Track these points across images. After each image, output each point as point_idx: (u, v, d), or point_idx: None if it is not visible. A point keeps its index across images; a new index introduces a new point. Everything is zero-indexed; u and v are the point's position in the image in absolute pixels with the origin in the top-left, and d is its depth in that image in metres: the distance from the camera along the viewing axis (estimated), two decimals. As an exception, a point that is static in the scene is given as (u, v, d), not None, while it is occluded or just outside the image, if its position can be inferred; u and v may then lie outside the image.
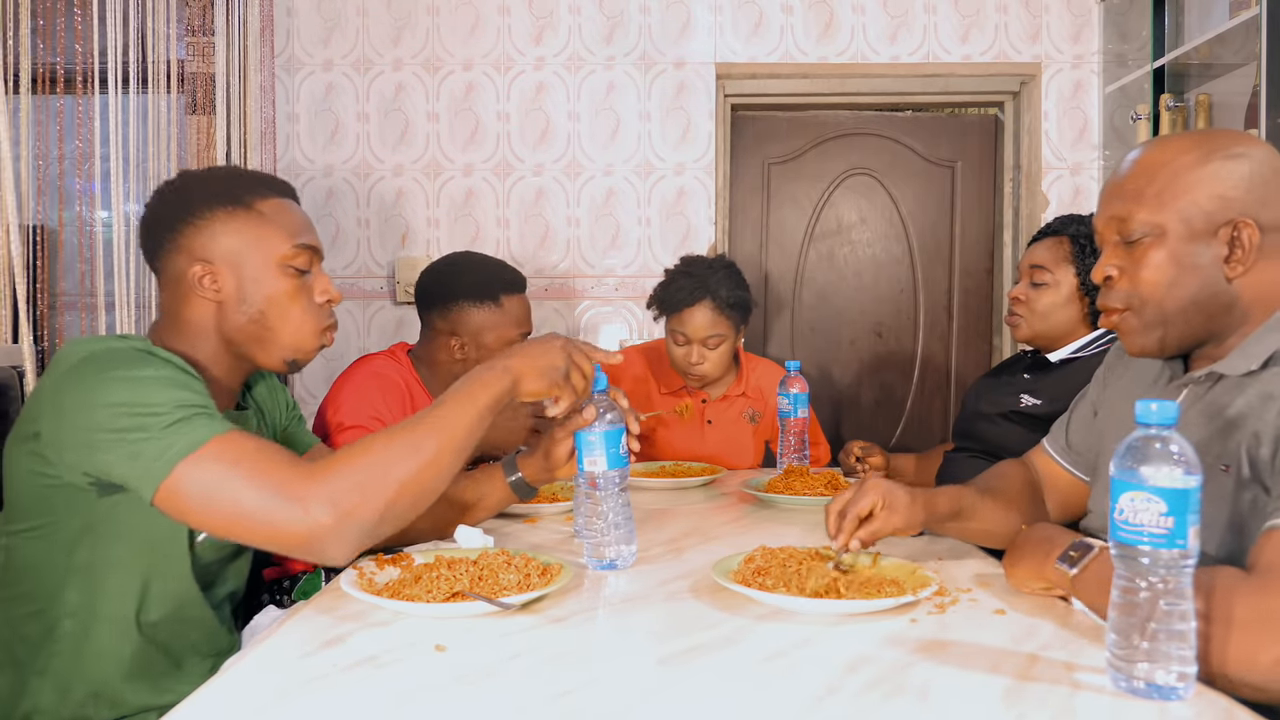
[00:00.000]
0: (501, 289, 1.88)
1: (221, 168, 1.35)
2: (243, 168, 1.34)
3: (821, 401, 3.34)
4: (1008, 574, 1.20)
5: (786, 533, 1.64)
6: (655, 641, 1.04)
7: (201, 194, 1.24)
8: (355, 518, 1.05)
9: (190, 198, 1.24)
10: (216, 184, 1.26)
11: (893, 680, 0.92)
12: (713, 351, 2.31)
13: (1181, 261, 1.11)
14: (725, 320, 2.29)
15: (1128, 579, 0.87)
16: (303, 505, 1.04)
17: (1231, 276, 1.11)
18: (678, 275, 2.34)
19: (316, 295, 1.28)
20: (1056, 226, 1.95)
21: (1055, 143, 3.23)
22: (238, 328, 1.25)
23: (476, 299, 1.86)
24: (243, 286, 1.23)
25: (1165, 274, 1.12)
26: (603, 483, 1.32)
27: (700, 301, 2.27)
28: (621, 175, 3.25)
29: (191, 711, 0.87)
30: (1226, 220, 1.10)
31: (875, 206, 3.42)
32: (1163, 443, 0.86)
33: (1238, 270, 1.10)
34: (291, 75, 3.22)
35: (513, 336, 1.89)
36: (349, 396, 1.74)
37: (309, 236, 1.28)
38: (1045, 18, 3.21)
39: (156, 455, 1.04)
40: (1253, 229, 1.09)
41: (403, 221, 3.24)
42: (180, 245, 1.23)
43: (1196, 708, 0.85)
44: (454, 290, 1.87)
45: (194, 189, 1.25)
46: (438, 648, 1.01)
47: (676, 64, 3.23)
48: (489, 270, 1.91)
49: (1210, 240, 1.11)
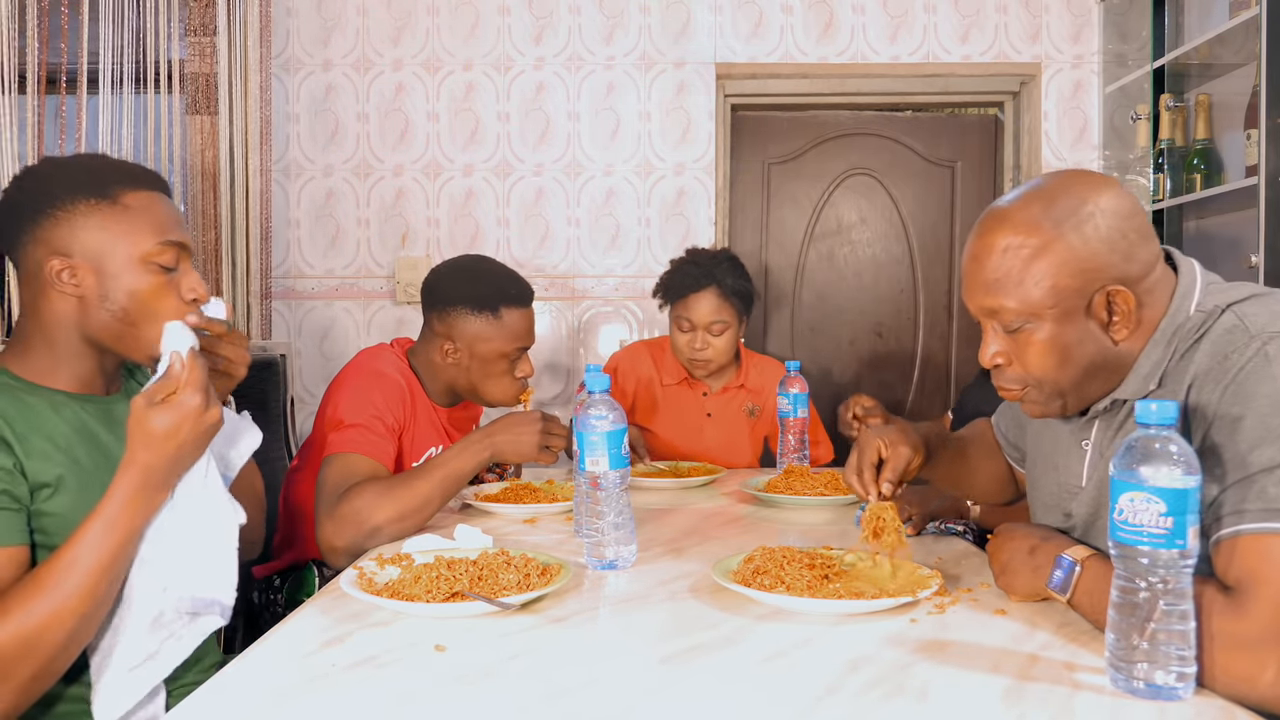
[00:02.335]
0: (503, 301, 1.85)
1: (88, 155, 1.25)
2: (111, 156, 1.26)
3: (821, 401, 3.34)
4: (1000, 584, 1.18)
5: (786, 533, 1.64)
6: (655, 641, 1.04)
7: (64, 184, 1.17)
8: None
9: (52, 187, 1.17)
10: (80, 174, 1.19)
11: (893, 680, 0.92)
12: (716, 339, 2.36)
13: (1065, 341, 1.08)
14: (729, 307, 2.35)
15: (1127, 579, 0.87)
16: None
17: (1118, 339, 1.09)
18: (683, 264, 2.41)
19: (184, 292, 1.22)
20: None
21: (1055, 143, 3.23)
22: (101, 325, 1.18)
23: (476, 307, 1.84)
24: (104, 283, 1.17)
25: (1052, 357, 1.09)
26: (604, 483, 1.32)
27: (706, 288, 2.34)
28: (621, 175, 3.25)
29: (192, 711, 0.87)
30: (1097, 290, 1.06)
31: (875, 206, 3.42)
32: (1162, 443, 0.86)
33: (1123, 333, 1.08)
34: (291, 75, 3.22)
35: (508, 350, 1.86)
36: (349, 394, 1.73)
37: (176, 233, 1.21)
38: (1045, 18, 3.21)
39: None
40: (1124, 293, 1.05)
41: (403, 221, 3.24)
42: (38, 237, 1.16)
43: (1196, 707, 0.85)
44: (455, 295, 1.86)
45: (56, 178, 1.18)
46: (437, 648, 1.01)
47: (676, 64, 3.23)
48: (495, 280, 1.88)
49: (1087, 313, 1.07)
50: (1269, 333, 0.98)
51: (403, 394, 1.80)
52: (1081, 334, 1.08)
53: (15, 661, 1.02)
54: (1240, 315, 1.02)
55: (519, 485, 1.89)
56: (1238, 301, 1.05)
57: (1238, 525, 0.93)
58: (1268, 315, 1.00)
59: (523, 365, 1.91)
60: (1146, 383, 1.08)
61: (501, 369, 1.87)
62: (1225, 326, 1.02)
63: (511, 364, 1.89)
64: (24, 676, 1.03)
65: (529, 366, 1.92)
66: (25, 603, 1.03)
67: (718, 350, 2.37)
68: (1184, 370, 1.05)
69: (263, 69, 3.09)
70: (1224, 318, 1.03)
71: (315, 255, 3.25)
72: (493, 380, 1.88)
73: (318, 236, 3.24)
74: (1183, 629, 0.85)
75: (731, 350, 2.41)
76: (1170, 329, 1.07)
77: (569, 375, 3.27)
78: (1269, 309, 1.01)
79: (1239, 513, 0.93)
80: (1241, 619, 0.89)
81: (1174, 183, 2.82)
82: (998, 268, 1.08)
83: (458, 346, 1.86)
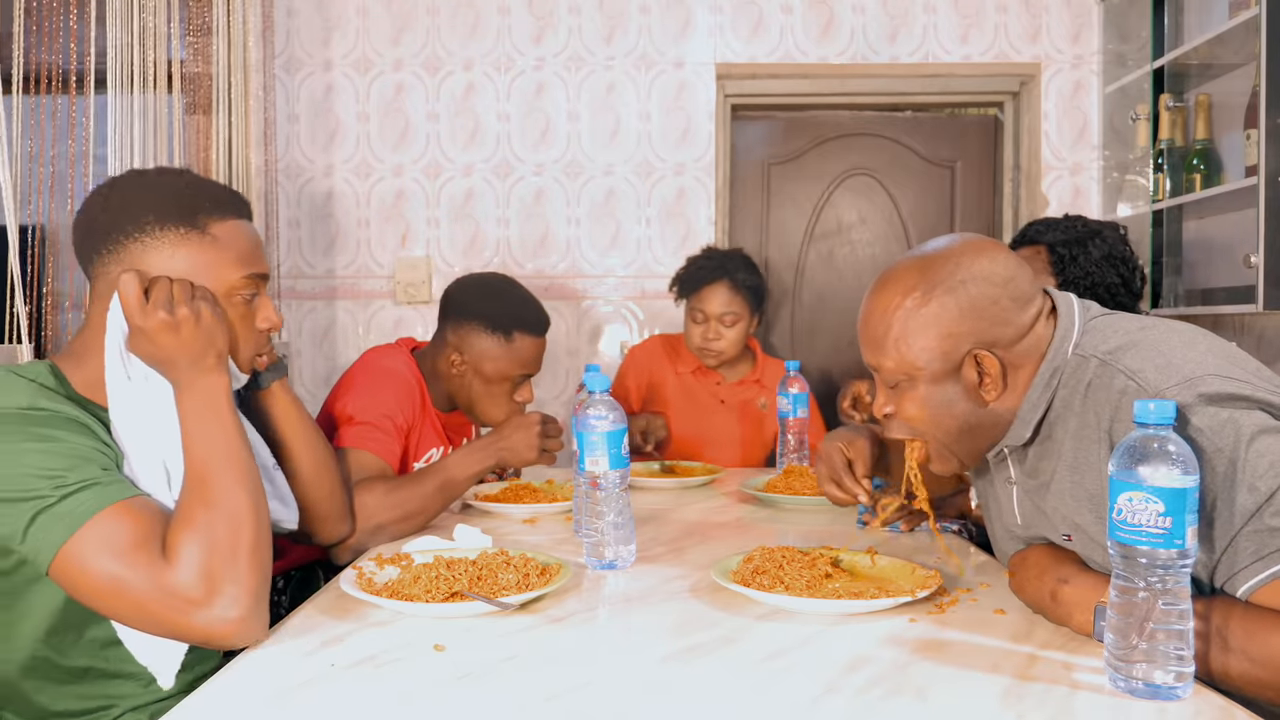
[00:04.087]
0: (518, 326, 1.86)
1: (176, 174, 1.22)
2: (197, 175, 1.24)
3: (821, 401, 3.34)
4: (1016, 592, 1.18)
5: (786, 533, 1.64)
6: (655, 641, 1.04)
7: (154, 208, 1.15)
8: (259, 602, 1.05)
9: (141, 211, 1.14)
10: (170, 198, 1.16)
11: (892, 680, 0.92)
12: (729, 329, 2.48)
13: (935, 401, 1.14)
14: (741, 299, 2.47)
15: (1126, 579, 0.87)
16: (210, 603, 1.01)
17: (989, 401, 1.12)
18: (698, 259, 2.55)
19: (259, 321, 1.23)
20: (1032, 235, 1.85)
21: (1055, 143, 3.23)
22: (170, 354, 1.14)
23: (490, 326, 1.85)
24: None
25: (925, 413, 1.15)
26: (603, 483, 1.32)
27: (718, 280, 2.46)
28: (621, 175, 3.25)
29: (192, 711, 0.87)
30: (964, 354, 1.10)
31: (875, 207, 3.42)
32: (1160, 443, 0.86)
33: (992, 394, 1.12)
34: (291, 75, 3.22)
35: (512, 374, 1.87)
36: (362, 391, 1.74)
37: (259, 264, 1.21)
38: (1045, 18, 3.21)
39: (42, 533, 0.99)
40: (989, 358, 1.10)
41: (403, 221, 3.24)
42: (121, 258, 1.14)
43: (1194, 707, 0.85)
44: (472, 310, 1.86)
45: (147, 201, 1.15)
46: (437, 647, 1.01)
47: (676, 64, 3.23)
48: (514, 303, 1.89)
49: (956, 376, 1.12)
50: (1161, 390, 0.99)
51: (413, 393, 1.81)
52: (951, 395, 1.13)
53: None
54: (1131, 374, 1.03)
55: (519, 485, 1.89)
56: (1115, 351, 1.06)
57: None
58: (1153, 370, 1.02)
59: (523, 391, 1.92)
60: (1027, 427, 1.12)
61: (502, 390, 1.88)
62: (1118, 389, 1.03)
63: (513, 387, 1.90)
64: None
65: (529, 393, 1.93)
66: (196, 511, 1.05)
67: (729, 341, 2.48)
68: (1080, 420, 1.07)
69: (263, 69, 3.09)
70: (1115, 379, 1.04)
71: (315, 255, 3.25)
72: (490, 400, 1.89)
73: (318, 236, 3.24)
74: (1181, 629, 0.85)
75: (742, 342, 2.52)
76: (1048, 371, 1.10)
77: (569, 375, 3.27)
78: (1152, 363, 1.03)
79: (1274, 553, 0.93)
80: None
81: (1174, 183, 2.82)
82: (877, 326, 1.15)
83: (465, 360, 1.86)
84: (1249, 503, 0.93)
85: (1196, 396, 0.97)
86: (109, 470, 1.06)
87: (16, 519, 0.99)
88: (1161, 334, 1.08)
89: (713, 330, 2.48)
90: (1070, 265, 1.77)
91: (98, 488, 1.02)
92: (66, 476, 1.01)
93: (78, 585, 1.00)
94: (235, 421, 1.13)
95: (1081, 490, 1.07)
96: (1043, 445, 1.14)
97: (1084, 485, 1.07)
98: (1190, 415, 0.97)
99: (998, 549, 1.32)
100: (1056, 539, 1.14)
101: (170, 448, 1.13)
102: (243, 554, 1.03)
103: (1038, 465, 1.15)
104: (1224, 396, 0.97)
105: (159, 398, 1.13)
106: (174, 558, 1.01)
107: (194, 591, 1.00)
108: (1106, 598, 1.05)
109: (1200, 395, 0.97)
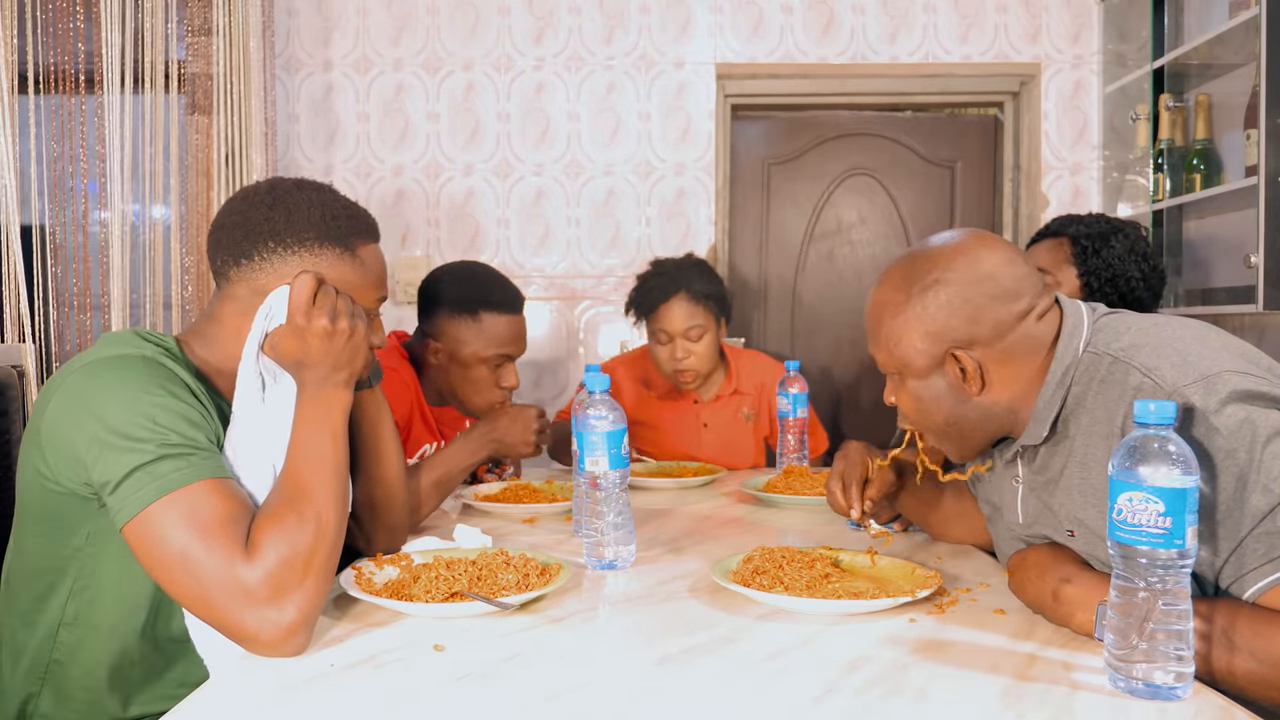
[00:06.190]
0: (483, 305, 1.85)
1: (330, 195, 1.23)
2: (344, 196, 1.25)
3: (821, 401, 3.35)
4: (1016, 592, 1.18)
5: (786, 533, 1.64)
6: (654, 641, 1.04)
7: (317, 227, 1.18)
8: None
9: (305, 226, 1.17)
10: (331, 220, 1.19)
11: (892, 680, 0.92)
12: (696, 344, 2.30)
13: (923, 395, 1.18)
14: (702, 310, 2.30)
15: (1126, 579, 0.87)
16: (274, 607, 0.99)
17: (972, 395, 1.14)
18: (649, 277, 2.37)
19: (373, 339, 1.25)
20: (1056, 227, 1.90)
21: (1055, 143, 3.23)
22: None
23: (456, 309, 1.85)
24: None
25: (915, 405, 1.20)
26: (603, 483, 1.32)
27: (674, 295, 2.29)
28: (621, 175, 3.25)
29: (192, 711, 0.87)
30: (944, 352, 1.13)
31: (875, 207, 3.42)
32: (1160, 443, 0.86)
33: (975, 390, 1.14)
34: (291, 75, 3.22)
35: (486, 355, 1.86)
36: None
37: (385, 287, 1.27)
38: (1045, 18, 3.21)
39: (133, 488, 1.00)
40: (965, 357, 1.12)
41: (403, 221, 3.24)
42: (279, 268, 1.16)
43: (1194, 707, 0.85)
44: (439, 295, 1.88)
45: (310, 217, 1.18)
46: (437, 648, 1.01)
47: (676, 64, 3.23)
48: (478, 284, 1.88)
49: (939, 372, 1.15)
50: (1179, 388, 0.99)
51: (407, 390, 1.81)
52: (935, 390, 1.16)
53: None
54: (1146, 371, 1.03)
55: (519, 485, 1.89)
56: (1129, 349, 1.07)
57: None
58: (1169, 368, 1.02)
59: (507, 375, 1.90)
60: (1043, 426, 1.13)
61: (481, 375, 1.88)
62: (1134, 385, 1.03)
63: (493, 371, 1.88)
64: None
65: (514, 378, 1.91)
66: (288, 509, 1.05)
67: (700, 357, 2.31)
68: (1091, 416, 1.08)
69: (263, 69, 3.09)
70: (1130, 375, 1.04)
71: (315, 255, 3.25)
72: (470, 385, 1.88)
73: (318, 236, 3.24)
74: (1181, 629, 0.85)
75: (713, 354, 2.35)
76: (1060, 370, 1.11)
77: (568, 375, 3.27)
78: (1168, 360, 1.03)
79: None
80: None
81: (1174, 183, 2.82)
82: (871, 320, 1.21)
83: (440, 347, 1.87)
84: (1261, 504, 0.93)
85: (1214, 394, 0.97)
86: (211, 445, 1.07)
87: (115, 468, 1.01)
88: (1174, 330, 1.08)
89: (680, 349, 2.29)
90: (1092, 256, 1.81)
91: (196, 458, 1.03)
92: (170, 435, 1.03)
93: (149, 551, 1.00)
94: (345, 440, 1.14)
95: (1089, 486, 1.08)
96: (1054, 442, 1.14)
97: (1091, 481, 1.07)
98: (1207, 413, 0.97)
99: (999, 549, 1.33)
100: (1059, 536, 1.14)
101: (282, 453, 1.14)
102: (316, 568, 1.03)
103: (1048, 462, 1.15)
104: (1242, 394, 0.97)
105: (285, 403, 1.16)
106: (255, 552, 1.00)
107: (261, 590, 0.99)
108: (1109, 597, 1.06)
109: (1218, 392, 0.97)
